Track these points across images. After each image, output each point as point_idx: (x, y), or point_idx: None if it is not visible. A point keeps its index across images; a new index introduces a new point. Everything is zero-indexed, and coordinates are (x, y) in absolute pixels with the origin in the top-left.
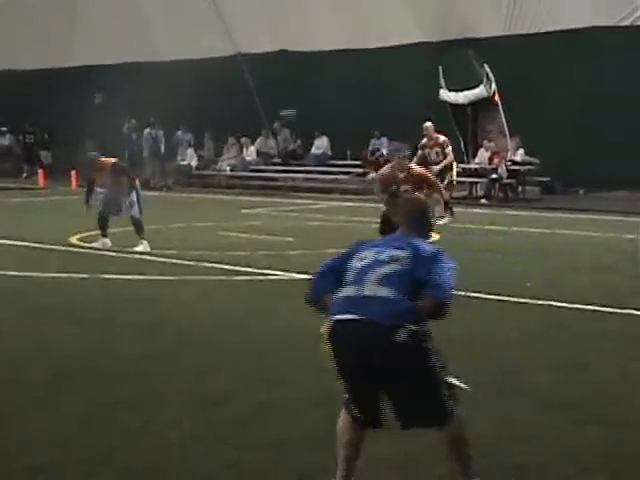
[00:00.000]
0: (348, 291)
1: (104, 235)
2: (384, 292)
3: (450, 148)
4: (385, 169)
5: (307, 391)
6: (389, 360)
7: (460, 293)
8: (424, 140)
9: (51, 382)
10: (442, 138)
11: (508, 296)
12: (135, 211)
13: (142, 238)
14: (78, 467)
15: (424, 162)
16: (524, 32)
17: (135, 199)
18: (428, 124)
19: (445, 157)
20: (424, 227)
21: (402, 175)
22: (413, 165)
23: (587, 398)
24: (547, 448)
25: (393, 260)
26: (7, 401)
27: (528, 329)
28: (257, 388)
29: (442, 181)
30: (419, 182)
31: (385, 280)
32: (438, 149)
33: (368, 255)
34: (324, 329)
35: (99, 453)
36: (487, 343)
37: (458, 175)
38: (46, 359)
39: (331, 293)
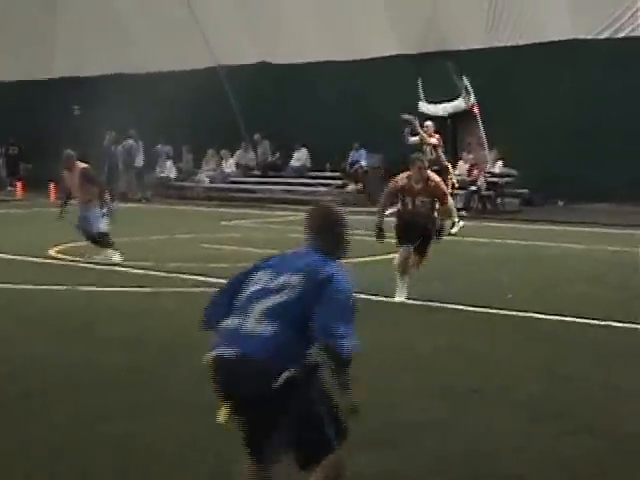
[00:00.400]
0: (231, 323)
1: (113, 249)
2: (267, 328)
3: (429, 138)
4: (401, 178)
5: None
6: (264, 404)
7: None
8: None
9: (29, 395)
10: (433, 140)
11: (489, 308)
12: (100, 226)
13: (112, 250)
14: None
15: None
16: (503, 44)
17: (103, 213)
18: (429, 122)
19: (438, 157)
20: (335, 241)
21: (419, 186)
22: (431, 173)
23: (574, 409)
24: (540, 458)
25: (284, 288)
26: None
27: (511, 341)
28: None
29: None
30: (436, 195)
31: (270, 313)
32: (432, 148)
33: (262, 279)
34: (206, 360)
35: (82, 465)
36: (471, 355)
37: None
38: (25, 371)
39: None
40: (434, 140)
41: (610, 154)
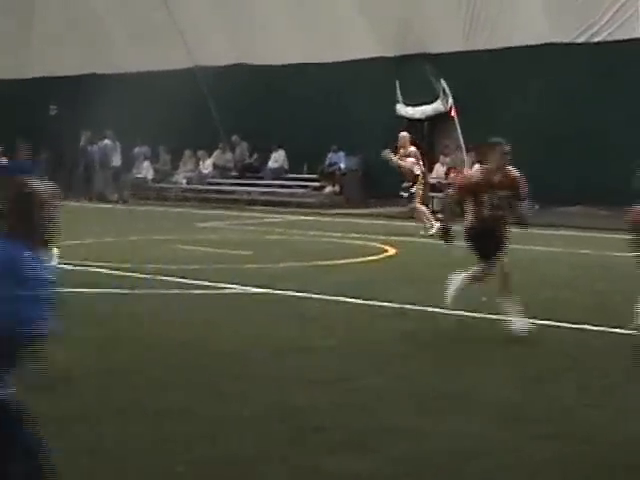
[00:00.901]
0: None
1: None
2: None
3: (412, 161)
4: (475, 172)
5: (259, 406)
6: None
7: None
8: (400, 150)
9: None
10: (411, 150)
11: (464, 311)
12: None
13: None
14: None
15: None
16: (481, 48)
17: None
18: (403, 134)
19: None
20: (30, 225)
21: (498, 178)
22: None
23: (545, 413)
24: (510, 462)
25: None
26: None
27: (482, 344)
28: (210, 403)
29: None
30: (517, 187)
31: None
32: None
33: None
34: None
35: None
36: (440, 358)
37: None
38: None
39: None
40: (410, 163)
41: (585, 157)
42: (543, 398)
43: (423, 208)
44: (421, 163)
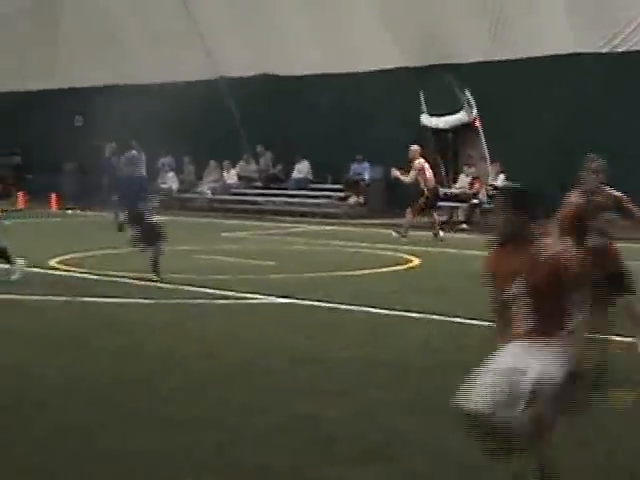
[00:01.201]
0: None
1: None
2: None
3: (413, 174)
4: (571, 201)
5: (275, 416)
6: None
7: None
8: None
9: (22, 406)
10: (415, 163)
11: (486, 321)
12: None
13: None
14: None
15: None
16: (505, 58)
17: None
18: (413, 147)
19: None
20: None
21: (600, 199)
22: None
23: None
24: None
25: None
26: None
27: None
28: (227, 413)
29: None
30: (622, 203)
31: None
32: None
33: None
34: None
35: (78, 477)
36: (461, 370)
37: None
38: (20, 382)
39: None
40: (408, 178)
41: (611, 167)
42: None
43: (410, 217)
44: (427, 175)
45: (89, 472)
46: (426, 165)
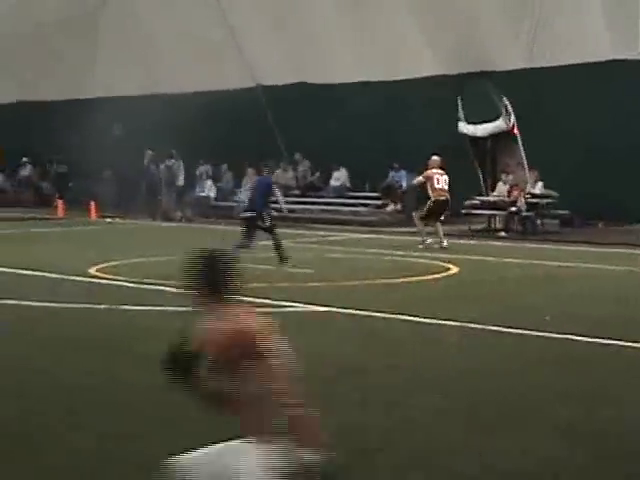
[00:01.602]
0: None
1: None
2: None
3: (420, 178)
4: None
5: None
6: None
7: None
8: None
9: (66, 414)
10: (427, 171)
11: (525, 329)
12: None
13: None
14: None
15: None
16: (543, 65)
17: None
18: (433, 158)
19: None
20: None
21: None
22: None
23: (609, 432)
24: None
25: None
26: (22, 434)
27: (545, 363)
28: None
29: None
30: None
31: None
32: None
33: None
34: None
35: None
36: (503, 377)
37: (477, 207)
38: (66, 388)
39: None
40: (418, 179)
41: None
42: (610, 418)
43: (418, 224)
44: (436, 185)
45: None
46: (437, 176)
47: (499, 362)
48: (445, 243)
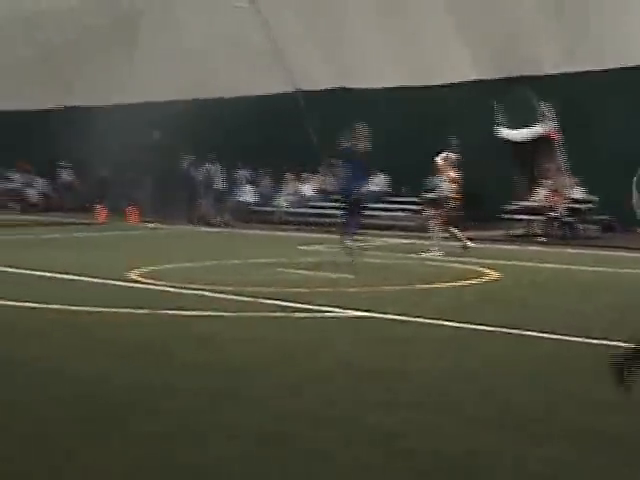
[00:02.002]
0: None
1: None
2: None
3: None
4: None
5: (350, 430)
6: None
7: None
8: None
9: (105, 419)
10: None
11: (563, 335)
12: None
13: None
14: None
15: None
16: (584, 69)
17: None
18: (452, 156)
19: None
20: None
21: None
22: None
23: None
24: None
25: None
26: (55, 440)
27: (586, 370)
28: (302, 427)
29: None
30: None
31: None
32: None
33: None
34: None
35: None
36: (537, 383)
37: (517, 212)
38: (105, 393)
39: None
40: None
41: None
42: None
43: (452, 230)
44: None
45: None
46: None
47: (532, 368)
48: (469, 242)
